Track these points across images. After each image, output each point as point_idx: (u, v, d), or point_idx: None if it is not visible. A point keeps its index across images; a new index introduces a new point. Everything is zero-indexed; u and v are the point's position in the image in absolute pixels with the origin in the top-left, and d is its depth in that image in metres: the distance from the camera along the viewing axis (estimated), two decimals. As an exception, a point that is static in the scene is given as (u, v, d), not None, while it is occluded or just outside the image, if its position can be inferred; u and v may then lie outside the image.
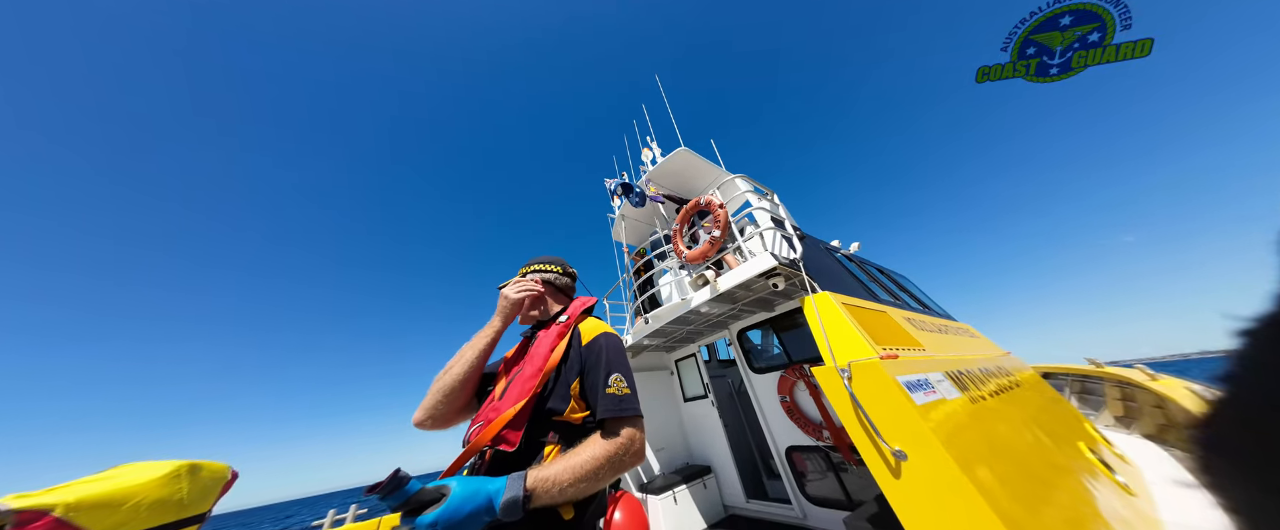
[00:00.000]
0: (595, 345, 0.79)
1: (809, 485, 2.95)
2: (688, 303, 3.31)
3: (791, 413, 3.04)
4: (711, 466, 3.87)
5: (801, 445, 2.99)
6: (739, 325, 3.89)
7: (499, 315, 0.89)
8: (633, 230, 6.05)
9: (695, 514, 3.38)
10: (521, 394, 0.70)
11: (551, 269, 1.03)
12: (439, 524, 0.46)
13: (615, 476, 0.63)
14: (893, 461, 1.06)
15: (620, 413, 0.68)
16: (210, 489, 1.23)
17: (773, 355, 3.75)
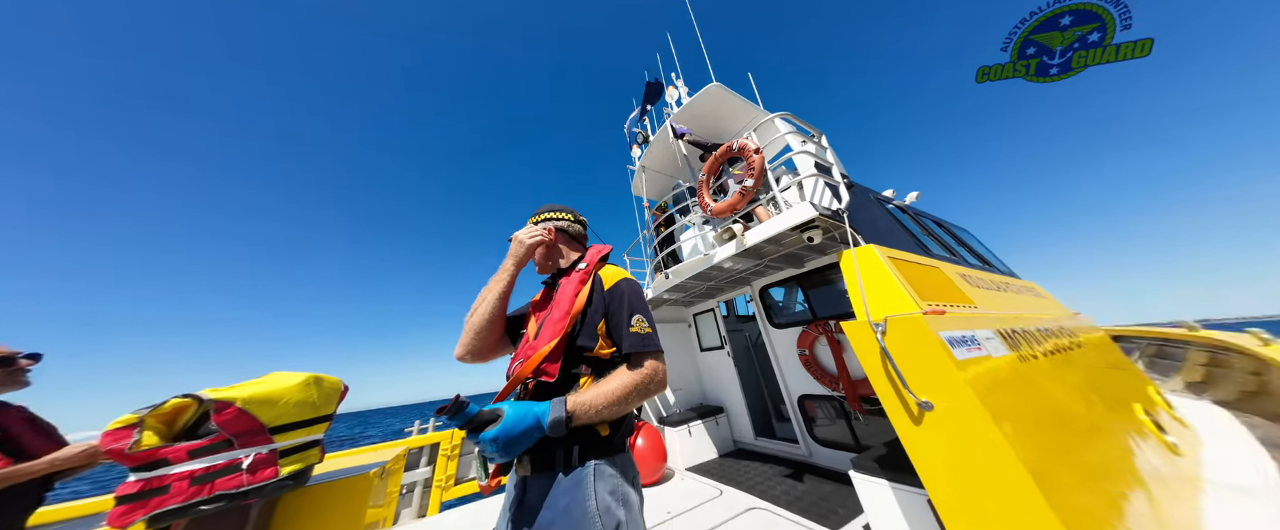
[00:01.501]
0: (617, 290, 0.84)
1: (817, 429, 3.07)
2: (710, 258, 3.12)
3: (809, 365, 3.02)
4: (724, 407, 4.07)
5: (814, 394, 3.05)
6: (762, 282, 3.71)
7: (511, 259, 0.92)
8: (653, 183, 5.63)
9: (707, 445, 3.66)
10: (553, 334, 0.76)
11: (563, 216, 1.02)
12: (500, 439, 0.57)
13: (642, 401, 0.72)
14: (915, 411, 1.10)
15: (644, 348, 0.76)
16: (331, 396, 1.50)
17: (794, 311, 3.61)
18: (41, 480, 1.18)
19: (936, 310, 1.37)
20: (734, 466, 3.23)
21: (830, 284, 3.12)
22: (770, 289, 3.71)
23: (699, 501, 2.57)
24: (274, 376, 1.37)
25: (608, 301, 0.83)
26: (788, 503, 2.28)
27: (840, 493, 2.29)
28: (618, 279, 0.86)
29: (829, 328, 2.90)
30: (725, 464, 3.36)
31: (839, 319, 2.83)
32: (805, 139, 2.88)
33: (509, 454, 0.58)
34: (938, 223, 3.38)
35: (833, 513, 2.02)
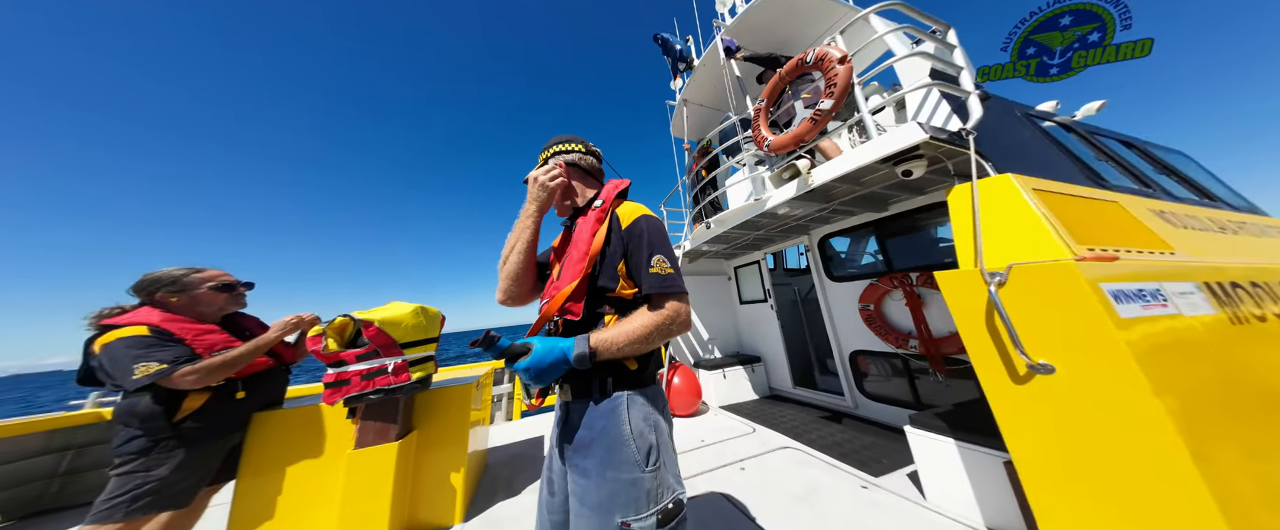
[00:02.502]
0: (635, 228, 0.78)
1: (868, 383, 2.92)
2: (762, 203, 2.69)
3: (872, 321, 2.73)
4: (762, 357, 4.04)
5: (870, 351, 2.83)
6: (824, 231, 3.25)
7: (532, 201, 0.85)
8: (696, 120, 4.87)
9: (743, 388, 3.73)
10: (574, 275, 0.75)
11: (574, 148, 0.92)
12: (531, 369, 0.62)
13: (663, 340, 0.72)
14: (1022, 373, 0.97)
15: (664, 289, 0.73)
16: (435, 322, 1.78)
17: (859, 264, 3.17)
18: (285, 367, 1.56)
19: (1103, 256, 1.08)
20: (768, 409, 3.22)
21: (919, 230, 2.59)
22: (832, 238, 3.23)
23: (731, 436, 2.60)
24: (394, 305, 1.63)
25: (626, 241, 0.78)
26: (823, 446, 2.27)
27: (884, 443, 2.22)
28: (635, 216, 0.80)
29: (907, 282, 2.49)
30: (760, 406, 3.36)
31: (927, 270, 2.39)
32: (920, 38, 2.06)
33: (541, 382, 0.64)
34: (1129, 143, 2.53)
35: (874, 461, 1.99)
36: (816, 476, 1.87)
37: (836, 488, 1.72)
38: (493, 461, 2.40)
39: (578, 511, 0.66)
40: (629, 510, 0.63)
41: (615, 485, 0.64)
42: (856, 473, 1.87)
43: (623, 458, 0.66)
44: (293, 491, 1.44)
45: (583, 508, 0.65)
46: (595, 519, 0.63)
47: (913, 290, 2.45)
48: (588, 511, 0.64)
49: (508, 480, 2.07)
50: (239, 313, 1.52)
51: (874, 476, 1.79)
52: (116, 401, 1.22)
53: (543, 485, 0.82)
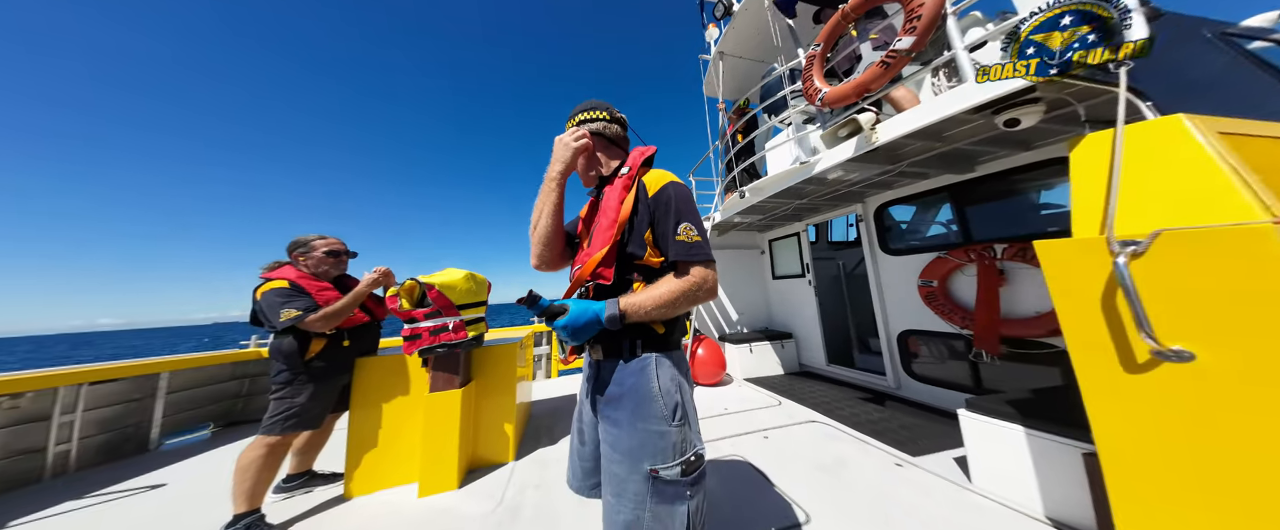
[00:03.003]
0: (662, 196, 0.77)
1: (917, 365, 2.69)
2: (809, 167, 2.39)
3: (933, 299, 2.43)
4: (793, 334, 3.88)
5: (924, 331, 2.57)
6: (882, 198, 2.84)
7: (556, 163, 0.83)
8: (734, 76, 4.31)
9: (771, 363, 3.65)
10: (603, 242, 0.76)
11: (597, 115, 0.89)
12: (569, 326, 0.66)
13: (691, 306, 0.74)
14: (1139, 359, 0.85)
15: (691, 257, 0.73)
16: (483, 287, 1.95)
17: (924, 236, 2.75)
18: (377, 322, 1.81)
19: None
20: (797, 385, 3.11)
21: (1015, 194, 2.15)
22: (892, 207, 2.83)
23: (755, 406, 2.57)
24: (449, 270, 1.81)
25: (652, 209, 0.77)
26: (855, 423, 2.18)
27: (926, 425, 2.08)
28: (662, 184, 0.78)
29: (987, 254, 2.12)
30: (787, 381, 3.26)
31: (1021, 241, 2.00)
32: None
33: (577, 340, 0.67)
34: None
35: (913, 441, 1.88)
36: (844, 451, 1.82)
37: (866, 463, 1.68)
38: (535, 413, 2.68)
39: (609, 457, 0.71)
40: (657, 458, 0.67)
41: (644, 435, 0.68)
42: (891, 450, 1.79)
43: (651, 412, 0.70)
44: (388, 424, 1.75)
45: (614, 453, 0.70)
46: (626, 463, 0.68)
47: (993, 264, 2.09)
48: (619, 457, 0.69)
49: (548, 428, 2.29)
50: (345, 275, 1.79)
51: (912, 456, 1.71)
52: (268, 343, 1.57)
53: (574, 435, 0.89)
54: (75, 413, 2.11)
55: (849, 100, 2.00)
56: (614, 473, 0.69)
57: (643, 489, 0.66)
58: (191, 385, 2.75)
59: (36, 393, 1.99)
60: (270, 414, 1.46)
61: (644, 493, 0.66)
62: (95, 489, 1.84)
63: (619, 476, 0.68)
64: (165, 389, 2.52)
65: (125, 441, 2.33)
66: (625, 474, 0.68)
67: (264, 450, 1.39)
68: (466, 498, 1.56)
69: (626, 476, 0.68)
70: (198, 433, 2.66)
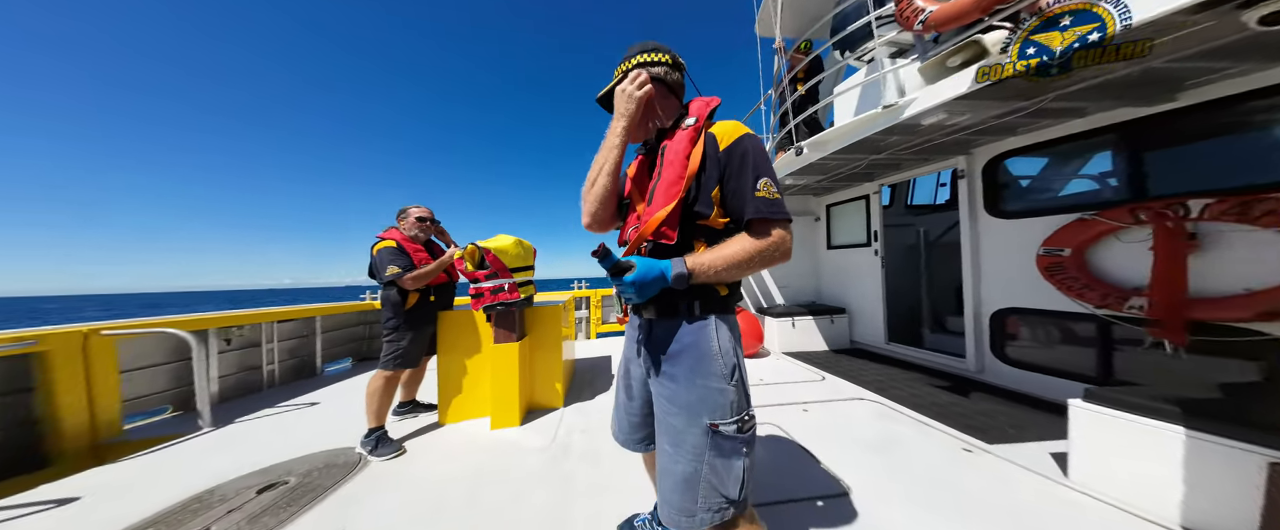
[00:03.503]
0: (738, 148, 0.70)
1: (1012, 348, 2.23)
2: (897, 110, 1.91)
3: (1057, 270, 1.90)
4: (846, 309, 3.47)
5: (1027, 309, 2.09)
6: (1000, 146, 2.22)
7: (620, 117, 0.76)
8: (794, 11, 3.55)
9: (814, 339, 3.35)
10: (669, 198, 0.70)
11: (660, 58, 0.79)
12: (636, 283, 0.63)
13: (763, 268, 0.70)
14: None
15: (772, 214, 0.67)
16: (530, 253, 2.11)
17: (1057, 194, 2.09)
18: (453, 282, 2.04)
19: None
20: (845, 362, 2.82)
21: (1239, 129, 1.49)
22: (1010, 159, 2.20)
23: (794, 379, 2.43)
24: (501, 236, 1.96)
25: (724, 163, 0.70)
26: (916, 405, 1.92)
27: (1013, 413, 1.77)
28: (737, 135, 0.70)
29: (1174, 214, 1.53)
30: (834, 358, 2.97)
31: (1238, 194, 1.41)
32: None
33: (641, 297, 0.64)
34: None
35: (993, 429, 1.62)
36: (899, 430, 1.65)
37: (924, 445, 1.52)
38: (578, 369, 2.91)
39: (667, 410, 0.71)
40: (716, 414, 0.67)
41: (703, 391, 0.68)
42: (958, 434, 1.57)
43: (711, 369, 0.69)
44: (466, 368, 2.07)
45: (672, 406, 0.70)
46: (684, 416, 0.68)
47: (1180, 227, 1.51)
48: (677, 410, 0.69)
49: (590, 383, 2.52)
50: (432, 240, 2.06)
51: (987, 443, 1.49)
52: (380, 295, 1.91)
53: (620, 391, 0.90)
54: (274, 343, 2.93)
55: (969, 18, 1.48)
56: (672, 424, 0.70)
57: (702, 442, 0.67)
58: (336, 327, 3.58)
59: (252, 326, 2.79)
60: (384, 353, 1.81)
61: (703, 445, 0.66)
62: (292, 397, 2.56)
63: (677, 428, 0.69)
64: (320, 329, 3.33)
65: (303, 366, 3.19)
66: (683, 426, 0.68)
67: (382, 382, 1.76)
68: (527, 433, 1.78)
69: (685, 428, 0.68)
70: (342, 363, 3.55)
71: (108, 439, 1.94)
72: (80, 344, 1.91)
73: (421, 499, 1.27)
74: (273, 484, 1.39)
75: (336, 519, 1.17)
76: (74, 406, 1.86)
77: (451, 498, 1.27)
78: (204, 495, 1.33)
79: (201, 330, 2.34)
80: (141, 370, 2.24)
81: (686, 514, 0.66)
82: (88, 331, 1.94)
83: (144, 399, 2.24)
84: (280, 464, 1.56)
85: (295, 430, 1.99)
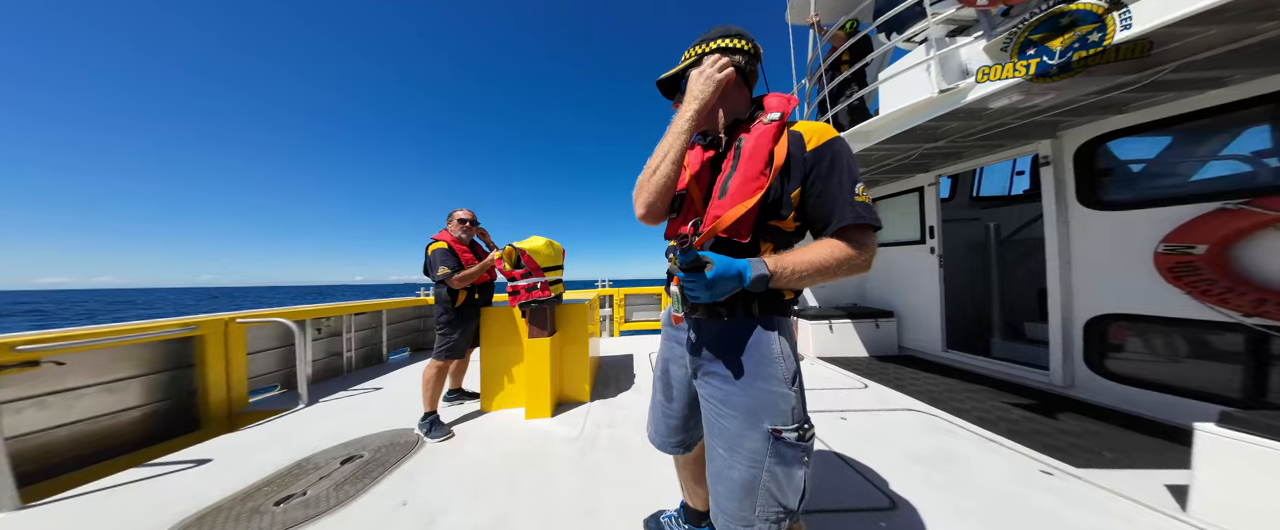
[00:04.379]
0: (830, 150, 0.65)
1: (1117, 361, 1.86)
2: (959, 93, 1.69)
3: (1187, 271, 1.56)
4: (894, 311, 3.13)
5: (1141, 315, 1.74)
6: (1099, 127, 1.88)
7: (694, 100, 0.70)
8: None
9: (854, 344, 3.06)
10: (747, 193, 0.65)
11: (742, 45, 0.73)
12: (713, 281, 0.58)
13: (846, 276, 0.66)
14: None
15: (873, 221, 0.63)
16: (560, 254, 2.22)
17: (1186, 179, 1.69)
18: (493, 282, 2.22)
19: None
20: (891, 369, 2.58)
21: None
22: (1115, 141, 1.85)
23: (832, 386, 2.26)
24: (533, 238, 2.08)
25: (811, 164, 0.65)
26: (981, 419, 1.67)
27: (1111, 436, 1.49)
28: (829, 136, 0.66)
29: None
30: (878, 365, 2.72)
31: None
32: None
33: (711, 297, 0.60)
34: None
35: (1085, 450, 1.37)
36: (956, 446, 1.45)
37: (990, 463, 1.33)
38: (603, 366, 2.97)
39: (721, 412, 0.67)
40: (777, 419, 0.63)
41: (764, 394, 0.64)
42: (1037, 455, 1.35)
43: (773, 373, 0.65)
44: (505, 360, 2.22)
45: (727, 409, 0.66)
46: (741, 419, 0.64)
47: None
48: (734, 413, 0.66)
49: (615, 380, 2.56)
50: (475, 241, 2.24)
51: (1075, 467, 1.26)
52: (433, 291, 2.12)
53: (657, 392, 0.86)
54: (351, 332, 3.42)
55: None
56: (726, 428, 0.66)
57: (762, 448, 0.63)
58: (397, 320, 4.07)
59: (336, 317, 3.29)
60: (437, 345, 2.03)
61: (763, 451, 0.63)
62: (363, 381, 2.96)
63: (733, 432, 0.65)
64: (386, 321, 3.83)
65: (372, 353, 3.69)
66: (740, 430, 0.64)
67: (435, 371, 1.97)
68: (557, 424, 1.87)
69: (742, 432, 0.64)
70: (402, 352, 4.04)
71: (239, 409, 2.41)
72: (223, 330, 2.39)
73: (468, 478, 1.40)
74: (352, 457, 1.62)
75: (401, 491, 1.33)
76: (218, 381, 2.33)
77: (493, 478, 1.38)
78: (303, 463, 1.58)
79: (301, 321, 2.77)
80: (261, 353, 2.73)
81: (743, 523, 0.62)
82: (227, 320, 2.42)
83: (262, 377, 2.73)
84: (357, 439, 1.81)
85: (368, 409, 2.29)
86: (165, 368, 2.16)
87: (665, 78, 0.80)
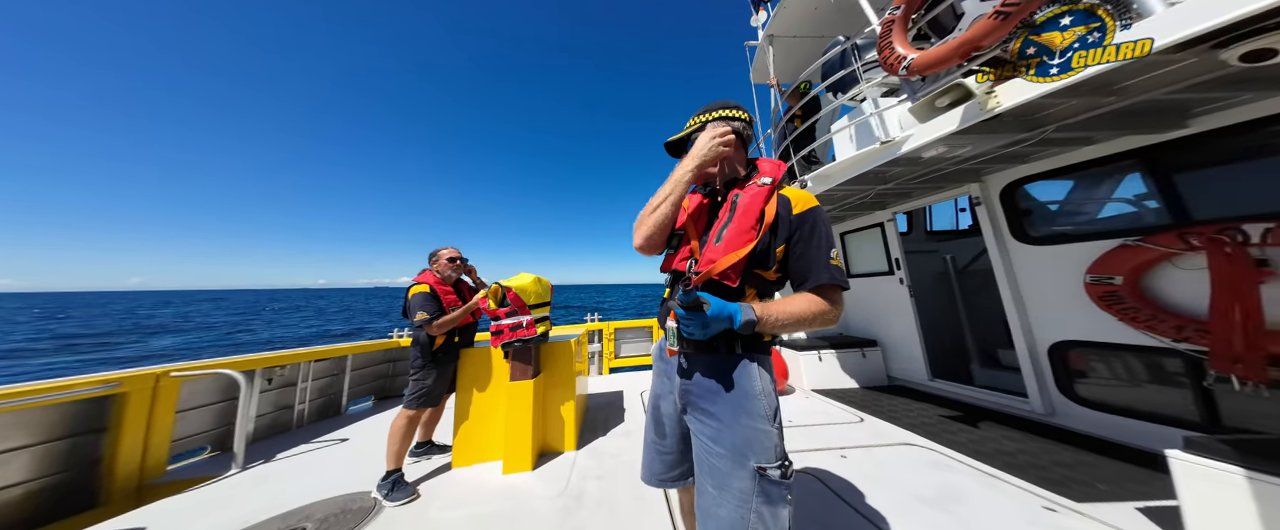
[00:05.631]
0: (812, 216, 0.77)
1: (1083, 386, 1.97)
2: (894, 146, 1.98)
3: (1114, 300, 1.74)
4: (878, 341, 3.23)
5: (1094, 341, 1.87)
6: (1013, 173, 2.20)
7: (698, 157, 0.81)
8: (787, 59, 3.92)
9: (843, 375, 3.11)
10: (738, 244, 0.74)
11: (741, 115, 0.88)
12: (709, 321, 0.64)
13: (817, 328, 0.74)
14: None
15: (842, 283, 0.74)
16: (547, 290, 2.21)
17: (1092, 218, 1.98)
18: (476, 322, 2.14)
19: None
20: (885, 401, 2.61)
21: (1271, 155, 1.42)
22: (1028, 184, 2.16)
23: (830, 421, 2.24)
24: (521, 275, 2.06)
25: (795, 226, 0.76)
26: (978, 453, 1.69)
27: (1098, 465, 1.54)
28: (811, 204, 0.77)
29: (1229, 239, 1.42)
30: (871, 396, 2.75)
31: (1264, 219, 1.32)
32: None
33: (704, 335, 0.65)
34: None
35: (1074, 483, 1.40)
36: (959, 483, 1.45)
37: (995, 500, 1.35)
38: (590, 406, 2.80)
39: (711, 450, 0.71)
40: (761, 457, 0.67)
41: (749, 432, 0.68)
42: (1037, 490, 1.37)
43: (755, 409, 0.70)
44: (481, 407, 2.06)
45: (717, 447, 0.70)
46: (730, 458, 0.68)
47: (1241, 254, 1.38)
48: (722, 451, 0.69)
49: (603, 422, 2.40)
50: (461, 280, 2.19)
51: (1074, 501, 1.28)
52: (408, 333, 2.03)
53: (650, 429, 0.89)
54: (308, 382, 3.07)
55: (948, 64, 1.59)
56: (715, 466, 0.69)
57: (749, 486, 0.66)
58: (362, 366, 3.72)
59: (292, 366, 2.95)
60: (409, 392, 1.87)
61: (750, 490, 0.66)
62: (316, 437, 2.63)
63: (722, 471, 0.68)
64: (350, 367, 3.48)
65: (329, 405, 3.29)
66: (729, 469, 0.68)
67: (405, 421, 1.79)
68: (538, 480, 1.72)
69: (730, 471, 0.67)
70: (365, 401, 3.62)
71: (151, 480, 2.04)
72: (152, 385, 2.09)
73: (430, 550, 1.20)
74: (292, 530, 1.39)
75: None
76: (132, 447, 1.99)
77: None
78: None
79: (250, 371, 2.51)
80: (193, 411, 2.40)
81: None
82: (159, 374, 2.13)
83: (189, 439, 2.37)
84: (300, 509, 1.57)
85: (319, 471, 2.01)
86: (67, 434, 1.84)
87: (673, 141, 0.92)
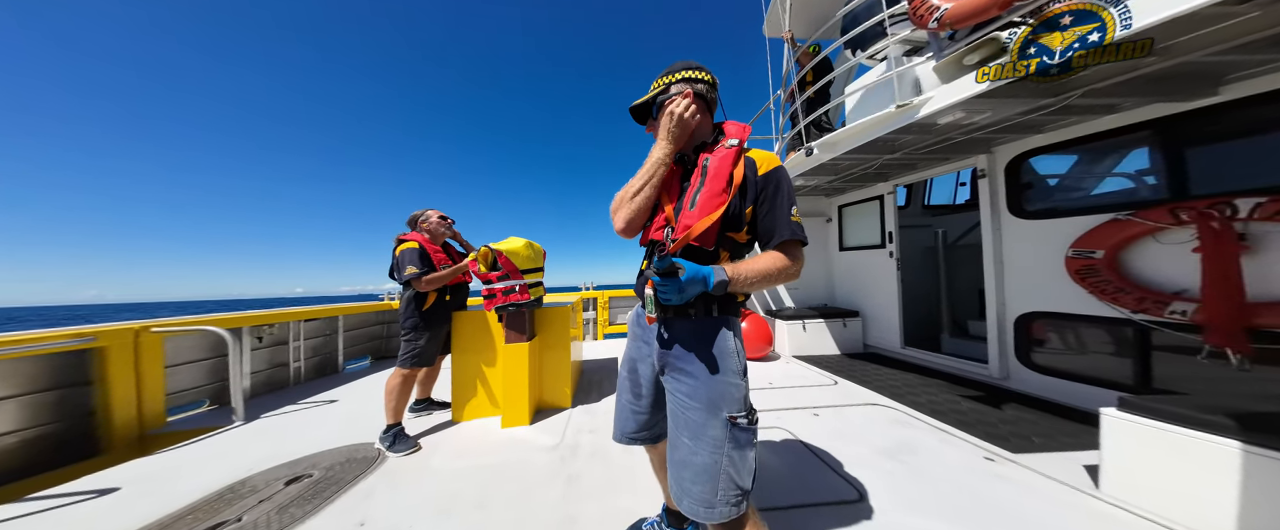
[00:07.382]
0: (775, 176, 0.80)
1: (1040, 354, 2.13)
2: (912, 109, 1.86)
3: (1090, 273, 1.81)
4: (860, 312, 3.38)
5: (1056, 312, 2.00)
6: (1024, 145, 2.14)
7: (669, 139, 0.81)
8: (803, 11, 3.51)
9: (825, 342, 3.21)
10: (711, 208, 0.76)
11: (703, 76, 0.85)
12: (685, 285, 0.68)
13: (781, 283, 0.79)
14: None
15: (801, 237, 0.79)
16: (540, 255, 2.13)
17: (1088, 193, 1.98)
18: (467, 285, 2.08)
19: None
20: (858, 366, 2.75)
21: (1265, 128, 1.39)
22: (1037, 157, 2.11)
23: (806, 383, 2.37)
24: (512, 239, 1.99)
25: (760, 187, 0.79)
26: (934, 411, 1.86)
27: (1041, 422, 1.70)
28: (774, 165, 0.80)
29: (1220, 214, 1.43)
30: (846, 362, 2.90)
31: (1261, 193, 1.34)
32: None
33: (681, 299, 0.68)
34: None
35: (1018, 437, 1.56)
36: (915, 437, 1.60)
37: (944, 452, 1.47)
38: (585, 370, 2.90)
39: (685, 405, 0.75)
40: (733, 407, 0.73)
41: (723, 387, 0.74)
42: (981, 443, 1.52)
43: (729, 366, 0.75)
44: (478, 367, 2.11)
45: (692, 401, 0.75)
46: (705, 411, 0.73)
47: (1228, 228, 1.41)
48: (697, 404, 0.74)
49: (598, 384, 2.50)
50: (448, 243, 2.12)
51: (1012, 452, 1.43)
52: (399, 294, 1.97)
53: (624, 392, 0.92)
54: (300, 341, 3.07)
55: (987, 14, 1.43)
56: (691, 419, 0.74)
57: (721, 434, 0.72)
58: (356, 326, 3.74)
59: (280, 325, 2.93)
60: (402, 352, 1.88)
61: (722, 438, 0.71)
62: (314, 393, 2.69)
63: (697, 423, 0.73)
64: (342, 329, 3.49)
65: (326, 363, 3.34)
66: (703, 420, 0.73)
67: (400, 380, 1.82)
68: (536, 432, 1.80)
69: (705, 422, 0.73)
70: (361, 361, 3.69)
71: (153, 430, 2.08)
72: (132, 340, 2.05)
73: (436, 494, 1.30)
74: (299, 476, 1.46)
75: (357, 512, 1.22)
76: (124, 399, 2.00)
77: (464, 494, 1.30)
78: (236, 486, 1.40)
79: (236, 328, 2.47)
80: (184, 366, 2.39)
81: (706, 505, 0.70)
82: (138, 329, 2.08)
83: (185, 393, 2.39)
84: (306, 457, 1.63)
85: (319, 425, 2.07)
86: (51, 387, 1.82)
87: (637, 105, 0.89)
